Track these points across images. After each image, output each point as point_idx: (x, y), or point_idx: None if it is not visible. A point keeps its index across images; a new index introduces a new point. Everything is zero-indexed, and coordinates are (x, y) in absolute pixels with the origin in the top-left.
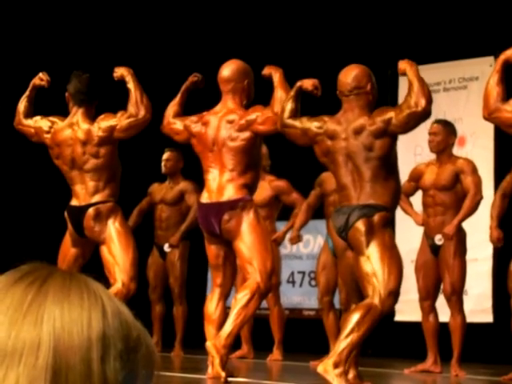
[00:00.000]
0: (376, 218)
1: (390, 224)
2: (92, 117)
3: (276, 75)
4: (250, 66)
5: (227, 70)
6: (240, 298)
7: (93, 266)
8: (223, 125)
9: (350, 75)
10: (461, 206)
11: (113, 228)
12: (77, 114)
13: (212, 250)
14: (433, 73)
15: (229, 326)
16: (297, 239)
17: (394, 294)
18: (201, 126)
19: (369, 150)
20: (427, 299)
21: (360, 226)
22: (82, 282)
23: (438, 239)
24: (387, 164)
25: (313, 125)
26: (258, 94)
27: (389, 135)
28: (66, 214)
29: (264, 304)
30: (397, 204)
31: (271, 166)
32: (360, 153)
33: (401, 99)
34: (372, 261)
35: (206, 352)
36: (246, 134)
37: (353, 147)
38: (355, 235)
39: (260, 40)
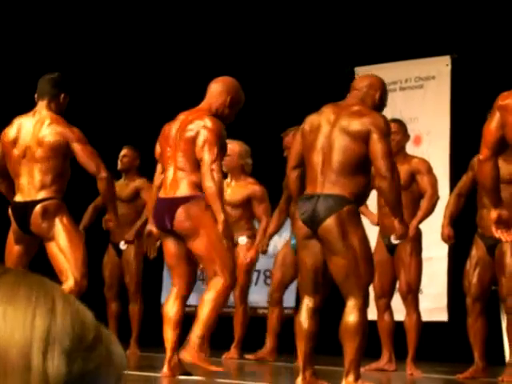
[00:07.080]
0: (345, 212)
1: (358, 215)
2: (57, 113)
3: None
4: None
5: (217, 84)
6: (207, 300)
7: (40, 264)
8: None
9: (367, 77)
10: (415, 206)
11: (61, 225)
12: (41, 112)
13: (168, 250)
14: (389, 72)
15: (198, 329)
16: (265, 247)
17: (367, 289)
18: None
19: (347, 142)
20: (382, 297)
21: (332, 226)
22: (33, 282)
23: (395, 238)
24: (360, 161)
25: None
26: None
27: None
28: (9, 210)
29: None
30: (362, 199)
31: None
32: (338, 141)
33: None
34: (347, 257)
35: (162, 350)
36: (192, 134)
37: (336, 133)
38: (327, 236)
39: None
